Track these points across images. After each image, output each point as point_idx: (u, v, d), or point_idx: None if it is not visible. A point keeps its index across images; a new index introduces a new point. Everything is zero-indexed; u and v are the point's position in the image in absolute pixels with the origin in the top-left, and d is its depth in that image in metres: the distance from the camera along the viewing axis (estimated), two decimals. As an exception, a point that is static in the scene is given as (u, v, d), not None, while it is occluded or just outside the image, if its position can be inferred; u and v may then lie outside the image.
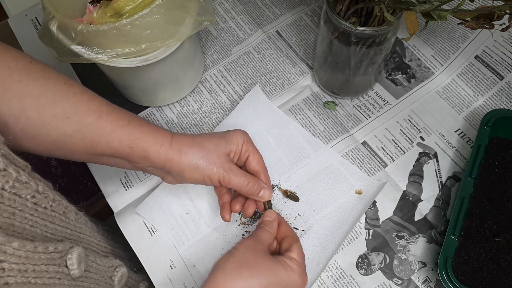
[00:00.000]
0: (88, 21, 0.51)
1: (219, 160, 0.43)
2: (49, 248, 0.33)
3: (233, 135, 0.45)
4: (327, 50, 0.53)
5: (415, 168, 0.55)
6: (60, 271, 0.33)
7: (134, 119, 0.43)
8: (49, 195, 0.37)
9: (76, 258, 0.35)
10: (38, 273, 0.31)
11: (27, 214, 0.33)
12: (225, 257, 0.39)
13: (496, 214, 0.48)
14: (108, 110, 0.42)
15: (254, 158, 0.47)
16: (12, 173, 0.32)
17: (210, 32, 0.68)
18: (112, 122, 0.41)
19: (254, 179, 0.46)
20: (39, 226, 0.35)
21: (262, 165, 0.47)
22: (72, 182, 1.25)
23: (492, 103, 0.58)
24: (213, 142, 0.44)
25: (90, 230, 0.45)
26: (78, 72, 0.66)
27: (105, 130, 0.41)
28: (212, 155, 0.43)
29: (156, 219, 0.54)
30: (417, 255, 0.50)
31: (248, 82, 0.63)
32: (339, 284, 0.50)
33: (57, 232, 0.37)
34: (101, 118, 0.41)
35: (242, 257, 0.38)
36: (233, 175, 0.44)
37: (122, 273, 0.44)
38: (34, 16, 0.72)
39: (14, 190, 0.32)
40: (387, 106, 0.59)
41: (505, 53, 0.59)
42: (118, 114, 0.42)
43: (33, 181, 0.34)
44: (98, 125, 0.40)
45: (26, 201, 0.33)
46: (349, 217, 0.52)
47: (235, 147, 0.45)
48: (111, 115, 0.41)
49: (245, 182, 0.45)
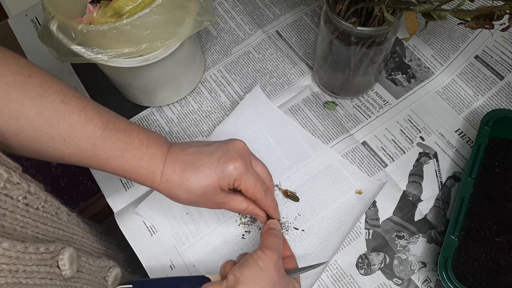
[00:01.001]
0: (88, 21, 0.51)
1: (209, 201, 0.43)
2: (40, 248, 0.32)
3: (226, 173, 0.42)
4: (327, 50, 0.53)
5: (415, 168, 0.55)
6: (52, 272, 0.33)
7: (128, 148, 0.41)
8: (41, 196, 0.36)
9: (67, 259, 0.35)
10: (29, 273, 0.31)
11: (18, 215, 0.33)
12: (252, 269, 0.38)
13: (496, 214, 0.48)
14: (103, 137, 0.40)
15: (248, 192, 0.44)
16: (3, 174, 0.32)
17: (210, 32, 0.68)
18: (106, 152, 0.41)
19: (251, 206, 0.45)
20: (30, 227, 0.34)
21: (257, 197, 0.44)
22: (72, 182, 1.25)
23: (492, 103, 0.58)
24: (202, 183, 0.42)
25: (83, 231, 0.45)
26: (78, 72, 0.66)
27: (100, 158, 0.41)
28: (200, 199, 0.43)
29: (156, 219, 0.54)
30: (417, 255, 0.50)
31: (248, 82, 0.63)
32: (339, 284, 0.50)
33: (49, 233, 0.37)
34: (96, 146, 0.40)
35: (271, 276, 0.38)
36: (227, 206, 0.44)
37: (115, 273, 0.44)
38: (34, 16, 0.72)
39: (5, 191, 0.32)
40: (387, 106, 0.59)
41: (505, 53, 0.59)
42: (114, 142, 0.41)
43: (24, 182, 0.34)
44: (93, 153, 0.41)
45: (17, 202, 0.33)
46: (349, 217, 0.52)
47: (225, 184, 0.43)
48: (106, 143, 0.41)
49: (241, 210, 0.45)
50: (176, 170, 0.42)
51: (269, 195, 0.46)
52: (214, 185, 0.42)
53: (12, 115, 0.37)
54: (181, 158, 0.43)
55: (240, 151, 0.44)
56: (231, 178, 0.42)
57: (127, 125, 0.43)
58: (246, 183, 0.43)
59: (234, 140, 0.45)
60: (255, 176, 0.44)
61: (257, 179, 0.44)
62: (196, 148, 0.44)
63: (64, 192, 1.23)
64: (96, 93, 0.64)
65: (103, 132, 0.41)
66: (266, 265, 0.39)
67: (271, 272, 0.38)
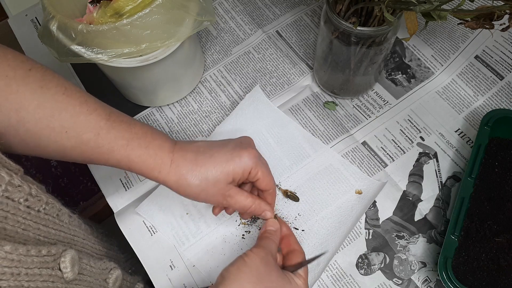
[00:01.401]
0: (88, 21, 0.51)
1: (219, 192, 0.42)
2: (42, 251, 0.32)
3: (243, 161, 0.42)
4: (327, 50, 0.53)
5: (415, 168, 0.55)
6: (54, 274, 0.33)
7: (133, 137, 0.40)
8: (42, 198, 0.36)
9: (69, 261, 0.35)
10: (31, 276, 0.30)
11: (19, 218, 0.33)
12: (237, 265, 0.38)
13: (496, 214, 0.48)
14: (107, 126, 0.40)
15: (264, 181, 0.44)
16: (4, 176, 0.32)
17: (210, 32, 0.68)
18: (110, 142, 0.39)
19: (257, 201, 0.44)
20: (31, 230, 0.34)
21: (271, 186, 0.45)
22: (72, 182, 1.25)
23: (492, 103, 0.58)
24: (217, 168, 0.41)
25: (84, 232, 0.45)
26: (78, 72, 0.66)
27: (103, 149, 0.40)
28: (211, 188, 0.41)
29: (156, 219, 0.54)
30: (417, 255, 0.50)
31: (248, 82, 0.63)
32: (339, 284, 0.50)
33: (50, 235, 0.37)
34: (99, 136, 0.39)
35: (257, 269, 0.37)
36: (233, 201, 0.43)
37: (116, 275, 0.44)
38: (34, 16, 0.72)
39: (6, 193, 0.32)
40: (387, 106, 0.59)
41: (505, 53, 0.59)
42: (118, 131, 0.40)
43: (26, 184, 0.34)
44: (96, 143, 0.39)
45: (18, 205, 0.33)
46: (349, 217, 0.52)
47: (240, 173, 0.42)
48: (110, 132, 0.40)
49: (246, 206, 0.44)
50: (188, 157, 0.41)
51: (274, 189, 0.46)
52: (228, 173, 0.41)
53: (12, 108, 0.36)
54: (191, 148, 0.42)
55: (252, 144, 0.45)
56: (247, 166, 0.42)
57: (130, 119, 0.42)
58: (263, 171, 0.43)
59: (244, 136, 0.46)
60: (268, 169, 0.44)
61: (270, 172, 0.44)
62: (205, 142, 0.44)
63: (64, 192, 1.23)
64: (96, 93, 0.63)
65: (107, 122, 0.40)
66: (251, 259, 0.38)
67: (256, 265, 0.38)
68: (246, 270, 0.37)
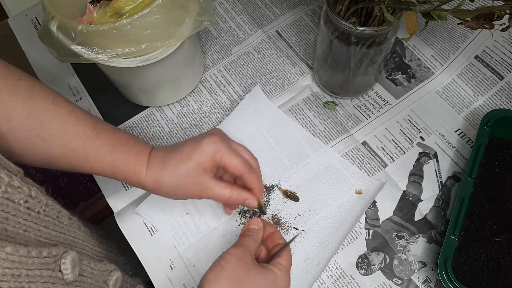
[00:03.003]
0: (88, 21, 0.51)
1: (194, 184, 0.43)
2: (43, 252, 0.32)
3: (203, 147, 0.43)
4: (327, 50, 0.53)
5: (415, 168, 0.55)
6: (54, 276, 0.33)
7: (117, 143, 0.43)
8: (42, 200, 0.37)
9: (70, 263, 0.35)
10: (31, 277, 0.30)
11: (20, 219, 0.33)
12: (215, 271, 0.37)
13: (496, 214, 0.48)
14: (94, 134, 0.42)
15: (231, 165, 0.43)
16: (4, 178, 0.32)
17: (210, 32, 0.68)
18: (96, 149, 0.42)
19: (236, 191, 0.44)
20: (32, 231, 0.35)
21: (240, 170, 0.44)
22: (72, 182, 1.25)
23: (492, 103, 0.58)
24: (184, 162, 0.42)
25: (84, 234, 0.45)
26: (78, 72, 0.66)
27: (89, 157, 0.42)
28: (184, 181, 0.42)
29: (156, 219, 0.54)
30: (417, 255, 0.50)
31: (248, 82, 0.63)
32: (339, 284, 0.50)
33: (51, 237, 0.37)
34: (86, 144, 0.42)
35: (234, 271, 0.37)
36: (210, 192, 0.43)
37: (116, 277, 0.44)
38: (34, 16, 0.72)
39: (6, 195, 0.32)
40: (387, 106, 0.59)
41: (505, 53, 0.59)
42: (103, 139, 0.42)
43: (25, 186, 0.34)
44: (83, 151, 0.42)
45: (19, 206, 0.33)
46: (349, 217, 0.52)
47: (206, 161, 0.43)
48: (96, 140, 0.42)
49: (226, 196, 0.44)
50: (159, 158, 0.43)
51: (254, 172, 0.45)
52: (195, 164, 0.42)
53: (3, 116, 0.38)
54: (162, 150, 0.45)
55: (218, 131, 0.46)
56: (210, 151, 0.42)
57: (113, 127, 0.45)
58: (228, 157, 0.43)
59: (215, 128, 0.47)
60: (235, 152, 0.44)
61: (238, 155, 0.44)
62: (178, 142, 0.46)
63: (64, 192, 1.23)
64: (96, 93, 0.64)
65: (93, 131, 0.42)
66: (228, 262, 0.38)
67: (234, 268, 0.37)
68: (224, 275, 0.37)
